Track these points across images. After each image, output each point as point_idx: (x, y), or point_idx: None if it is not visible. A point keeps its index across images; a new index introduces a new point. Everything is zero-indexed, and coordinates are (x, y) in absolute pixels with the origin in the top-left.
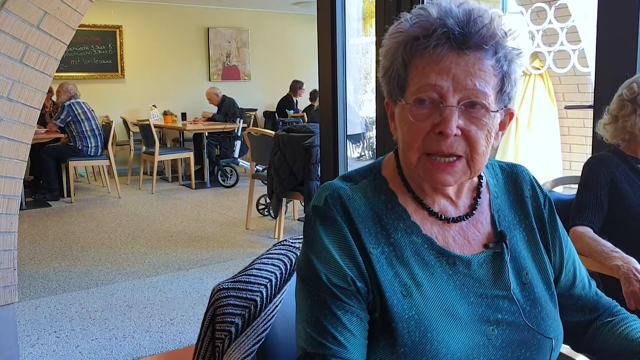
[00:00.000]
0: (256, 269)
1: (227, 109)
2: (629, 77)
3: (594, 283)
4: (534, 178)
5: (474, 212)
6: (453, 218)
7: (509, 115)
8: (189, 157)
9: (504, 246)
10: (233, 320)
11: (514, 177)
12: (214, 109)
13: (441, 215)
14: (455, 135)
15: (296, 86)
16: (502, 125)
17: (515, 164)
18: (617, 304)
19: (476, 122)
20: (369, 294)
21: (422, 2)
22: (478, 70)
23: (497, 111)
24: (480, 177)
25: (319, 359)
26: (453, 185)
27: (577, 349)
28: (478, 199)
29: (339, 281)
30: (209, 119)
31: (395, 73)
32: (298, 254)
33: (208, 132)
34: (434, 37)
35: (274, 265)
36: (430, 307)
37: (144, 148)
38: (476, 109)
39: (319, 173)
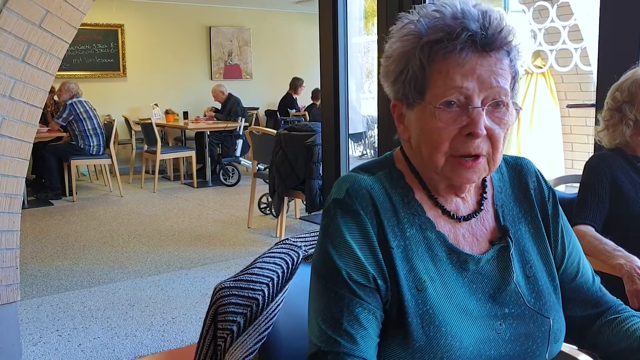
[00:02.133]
0: (258, 267)
1: (230, 107)
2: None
3: (598, 279)
4: (538, 171)
5: (481, 208)
6: (464, 216)
7: (517, 111)
8: (191, 156)
9: (509, 241)
10: (235, 319)
11: (518, 170)
12: (218, 107)
13: (453, 215)
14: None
15: (296, 83)
16: None
17: (520, 157)
18: (621, 302)
19: (499, 121)
20: (387, 292)
21: (424, 1)
22: (500, 69)
23: (515, 108)
24: None
25: (332, 356)
26: (475, 183)
27: (581, 345)
28: (484, 194)
29: (360, 278)
30: (213, 117)
31: (411, 76)
32: (300, 253)
33: (210, 131)
34: (459, 40)
35: (275, 264)
36: (443, 302)
37: (145, 147)
38: (499, 108)
39: (321, 172)
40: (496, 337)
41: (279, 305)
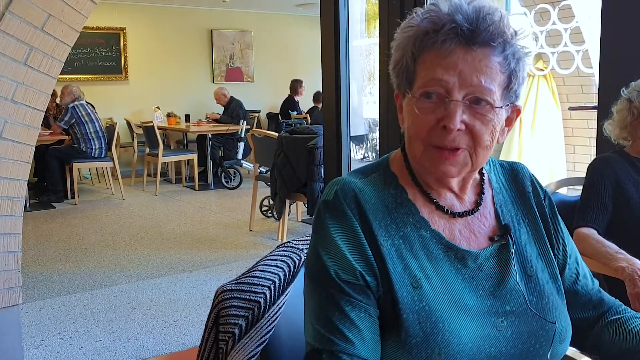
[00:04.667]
0: (260, 270)
1: (232, 110)
2: (635, 79)
3: (596, 281)
4: (533, 175)
5: (479, 207)
6: (459, 213)
7: (516, 112)
8: (193, 159)
9: (509, 238)
10: (237, 321)
11: (514, 174)
12: (220, 110)
13: (448, 210)
14: (458, 130)
15: (296, 85)
16: (509, 122)
17: (514, 162)
18: (621, 303)
19: (481, 117)
20: (379, 288)
21: (427, 3)
22: (485, 66)
23: (502, 107)
24: (482, 173)
25: (326, 354)
26: (456, 177)
27: (582, 347)
28: (482, 195)
29: (348, 276)
30: (216, 120)
31: (404, 66)
32: (302, 255)
33: (212, 134)
34: (442, 32)
35: (277, 267)
36: (441, 299)
37: (147, 150)
38: (481, 105)
39: (322, 174)
40: (497, 334)
41: (280, 308)
